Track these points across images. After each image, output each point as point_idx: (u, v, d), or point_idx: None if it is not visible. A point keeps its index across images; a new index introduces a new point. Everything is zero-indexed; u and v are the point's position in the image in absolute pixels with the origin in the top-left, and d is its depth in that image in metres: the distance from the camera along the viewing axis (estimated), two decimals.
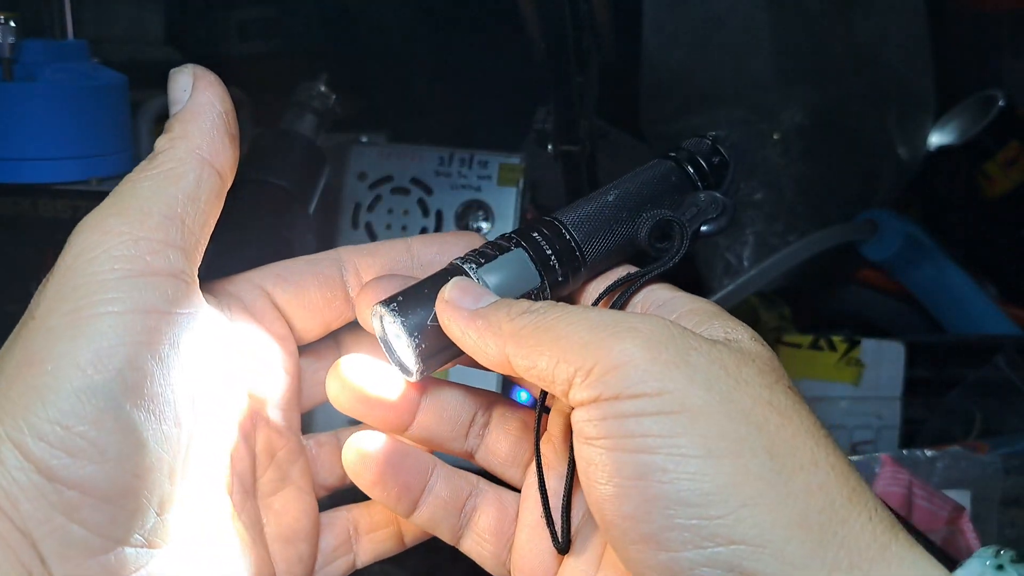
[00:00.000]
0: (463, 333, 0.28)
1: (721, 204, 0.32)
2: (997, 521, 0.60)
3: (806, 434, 0.25)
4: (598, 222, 0.32)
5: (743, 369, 0.26)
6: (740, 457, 0.24)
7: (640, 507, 0.24)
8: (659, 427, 0.24)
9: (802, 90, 0.88)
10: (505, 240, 0.31)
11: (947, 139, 0.92)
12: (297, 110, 0.62)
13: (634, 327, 0.26)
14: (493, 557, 0.33)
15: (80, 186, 0.53)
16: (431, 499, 0.32)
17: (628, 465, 0.25)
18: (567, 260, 0.31)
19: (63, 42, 0.57)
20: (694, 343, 0.26)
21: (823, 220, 0.89)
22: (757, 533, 0.23)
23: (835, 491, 0.24)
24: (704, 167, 0.34)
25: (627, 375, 0.25)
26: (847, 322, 0.89)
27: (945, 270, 0.88)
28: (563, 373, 0.26)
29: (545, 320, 0.27)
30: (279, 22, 0.92)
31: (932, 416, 0.75)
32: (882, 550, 0.24)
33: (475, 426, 0.33)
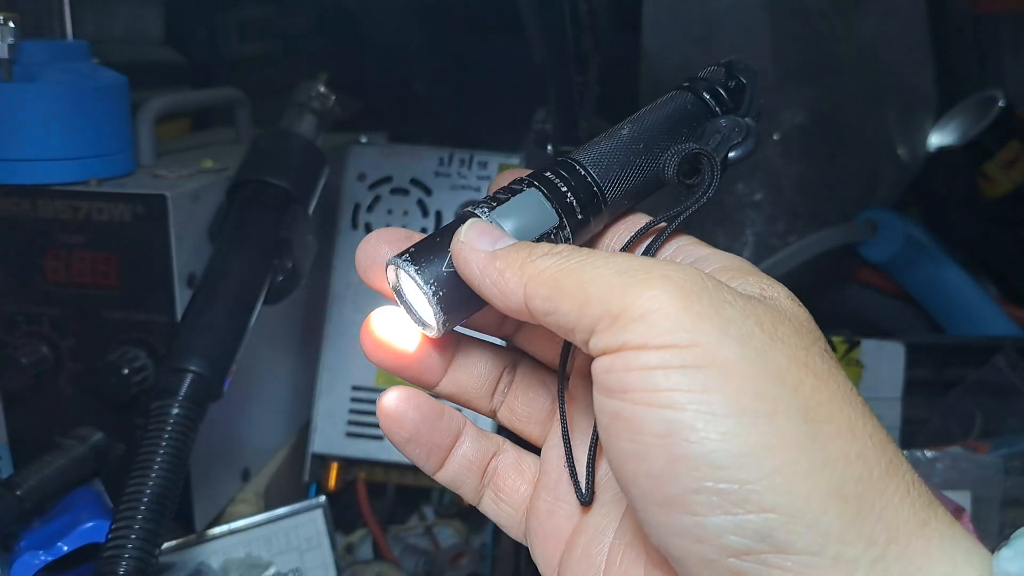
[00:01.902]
0: (481, 275, 0.27)
1: (745, 127, 0.30)
2: (998, 522, 0.60)
3: (843, 399, 0.24)
4: (615, 158, 0.30)
5: (779, 327, 0.24)
6: (775, 419, 0.22)
7: (665, 467, 0.23)
8: (688, 381, 0.23)
9: (802, 90, 0.88)
10: (518, 183, 0.30)
11: (947, 139, 0.92)
12: (297, 110, 0.62)
13: (666, 274, 0.24)
14: (509, 518, 0.33)
15: (80, 186, 0.53)
16: (458, 459, 0.32)
17: (653, 421, 0.23)
18: (586, 198, 0.29)
19: (63, 42, 0.57)
20: (729, 296, 0.24)
21: (823, 220, 0.89)
22: (790, 502, 0.22)
23: (873, 461, 0.23)
24: (721, 93, 0.32)
25: (656, 324, 0.23)
26: (847, 322, 0.89)
27: (945, 270, 0.88)
28: (586, 320, 0.24)
29: (568, 263, 0.26)
30: (279, 23, 0.92)
31: (932, 416, 0.75)
32: (921, 525, 0.23)
33: (501, 384, 0.33)
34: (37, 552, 0.45)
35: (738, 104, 0.32)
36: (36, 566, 0.45)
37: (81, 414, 0.54)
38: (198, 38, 0.88)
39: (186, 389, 0.46)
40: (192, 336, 0.48)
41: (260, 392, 0.67)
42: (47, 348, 0.54)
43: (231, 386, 0.49)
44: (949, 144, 0.92)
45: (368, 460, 0.68)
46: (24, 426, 0.56)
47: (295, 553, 0.60)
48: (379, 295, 0.31)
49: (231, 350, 0.49)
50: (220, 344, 0.49)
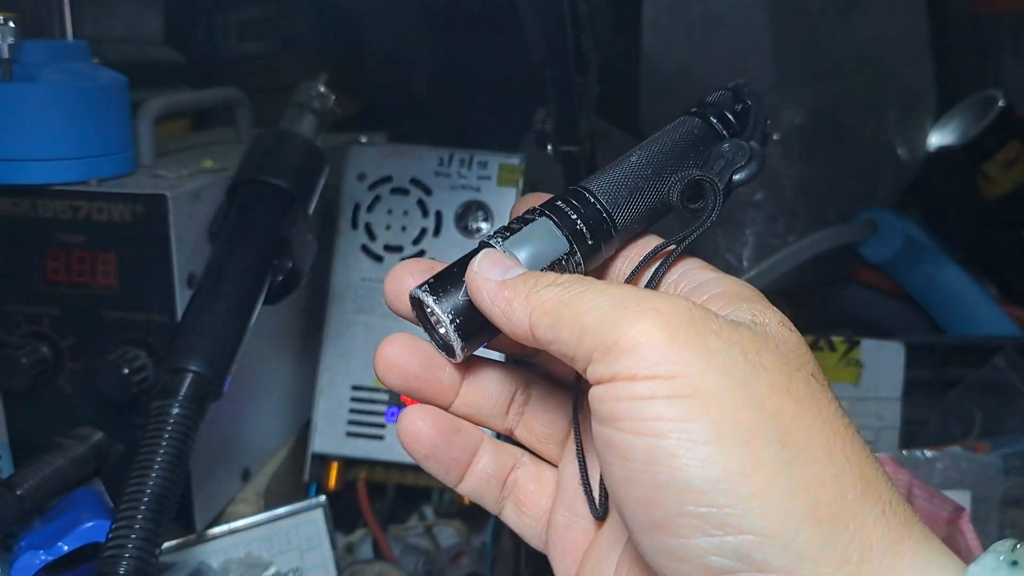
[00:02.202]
0: (491, 304, 0.29)
1: (748, 150, 0.32)
2: (997, 522, 0.60)
3: (823, 424, 0.25)
4: (624, 185, 0.32)
5: (764, 355, 0.26)
6: (752, 445, 0.24)
7: (651, 492, 0.24)
8: (671, 411, 0.24)
9: (802, 90, 0.88)
10: (530, 213, 0.31)
11: (947, 139, 0.92)
12: (296, 110, 0.62)
13: (655, 307, 0.26)
14: (530, 529, 0.34)
15: (80, 186, 0.53)
16: (478, 472, 0.33)
17: (639, 449, 0.24)
18: (596, 225, 0.31)
19: (63, 42, 0.57)
20: (715, 326, 0.26)
21: (823, 220, 0.89)
22: (766, 524, 0.23)
23: (848, 483, 0.24)
24: (727, 116, 0.33)
25: (644, 356, 0.25)
26: (847, 322, 0.89)
27: (945, 270, 0.88)
28: (583, 349, 0.26)
29: (569, 293, 0.27)
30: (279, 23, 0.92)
31: (932, 416, 0.75)
32: (895, 543, 0.24)
33: (515, 404, 0.34)
34: (37, 552, 0.45)
35: (744, 127, 0.33)
36: (36, 566, 0.45)
37: (81, 414, 0.54)
38: (198, 38, 0.88)
39: (186, 389, 0.46)
40: (192, 336, 0.48)
41: (260, 392, 0.67)
42: (47, 348, 0.54)
43: (231, 386, 0.49)
44: (949, 144, 0.92)
45: (368, 460, 0.68)
46: (24, 426, 0.56)
47: (295, 553, 0.60)
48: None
49: (231, 350, 0.49)
50: (220, 344, 0.49)
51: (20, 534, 0.48)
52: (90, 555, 0.46)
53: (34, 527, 0.48)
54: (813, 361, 0.27)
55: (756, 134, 0.33)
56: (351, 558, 0.67)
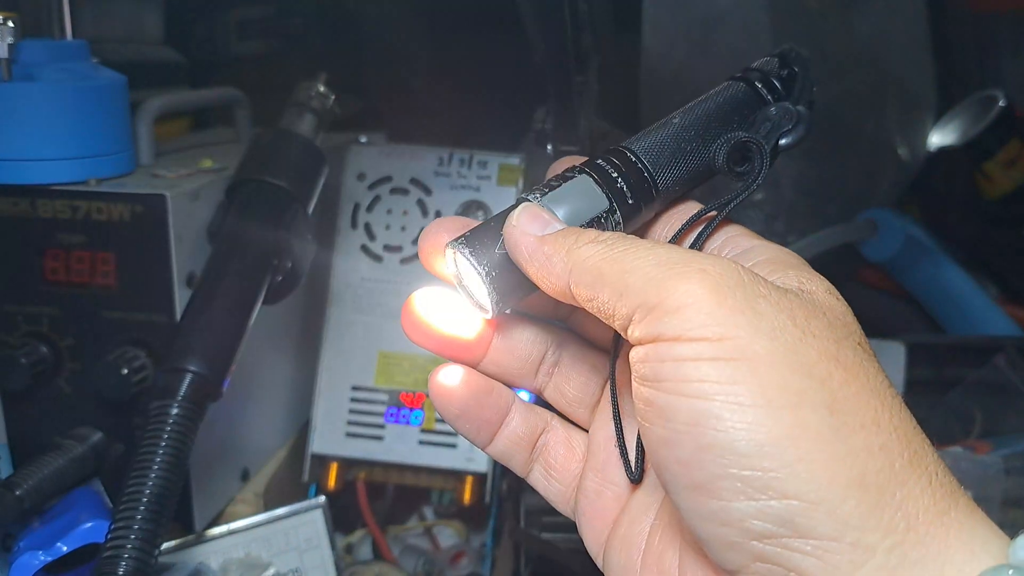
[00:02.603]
0: (529, 258, 0.28)
1: (795, 114, 0.31)
2: (998, 521, 0.60)
3: (871, 393, 0.25)
4: (667, 146, 0.31)
5: (812, 321, 0.25)
6: (799, 410, 0.23)
7: (693, 454, 0.24)
8: (718, 373, 0.24)
9: None
10: (571, 171, 0.31)
11: (947, 139, 0.92)
12: (296, 110, 0.62)
13: (703, 268, 0.25)
14: (559, 494, 0.34)
15: (79, 186, 0.53)
16: (507, 433, 0.33)
17: (683, 410, 0.24)
18: (637, 185, 0.30)
19: (62, 42, 0.57)
20: (763, 290, 0.25)
21: (823, 220, 0.89)
22: (812, 489, 0.23)
23: (896, 452, 0.24)
24: (773, 82, 0.33)
25: (690, 317, 0.24)
26: None
27: (945, 270, 0.88)
28: (624, 308, 0.26)
29: (612, 251, 0.27)
30: (278, 22, 0.92)
31: (932, 416, 0.75)
32: (940, 515, 0.23)
33: (545, 364, 0.33)
34: (36, 552, 0.45)
35: (790, 92, 0.33)
36: (36, 566, 0.45)
37: (80, 414, 0.54)
38: (198, 37, 0.88)
39: (185, 389, 0.46)
40: (191, 336, 0.48)
41: (260, 392, 0.67)
42: (46, 348, 0.54)
43: (231, 386, 0.49)
44: (949, 144, 0.92)
45: (368, 460, 0.68)
46: (23, 426, 0.56)
47: (295, 553, 0.60)
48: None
49: (231, 350, 0.49)
50: (219, 344, 0.49)
51: (19, 534, 0.48)
52: (89, 555, 0.46)
53: (33, 527, 0.48)
54: (860, 330, 0.27)
55: (803, 99, 0.32)
56: (351, 558, 0.67)
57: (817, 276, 0.28)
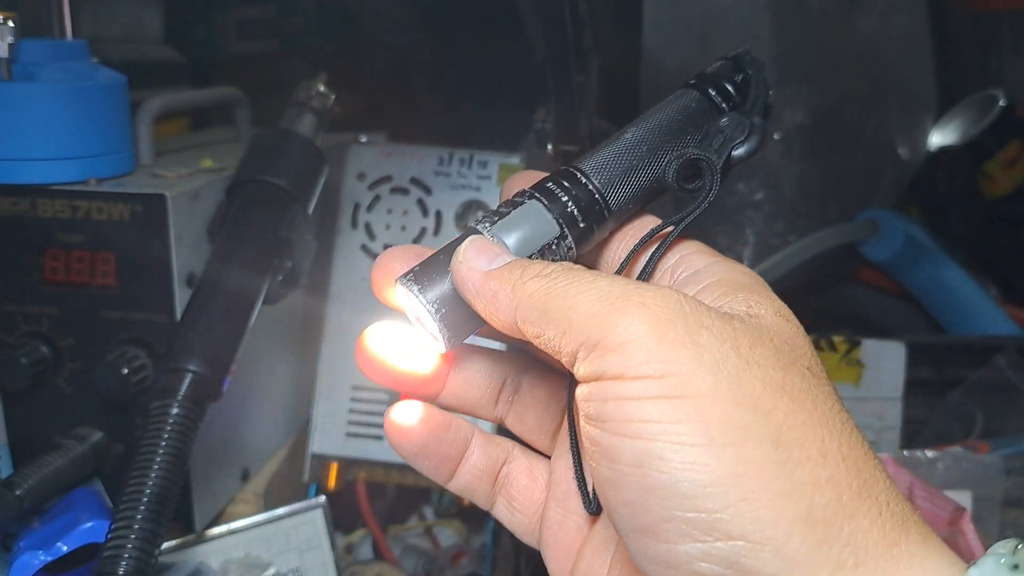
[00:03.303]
0: (476, 295, 0.27)
1: (748, 124, 0.30)
2: (998, 522, 0.60)
3: (818, 421, 0.24)
4: (618, 164, 0.30)
5: (757, 349, 0.25)
6: (743, 447, 0.23)
7: (638, 496, 0.23)
8: (660, 412, 0.23)
9: (803, 90, 0.88)
10: (520, 196, 0.30)
11: (948, 139, 0.92)
12: (296, 110, 0.62)
13: (643, 302, 0.25)
14: (523, 525, 0.33)
15: (79, 186, 0.53)
16: (468, 468, 0.32)
17: (627, 451, 0.24)
18: (588, 207, 0.29)
19: (62, 42, 0.57)
20: (706, 320, 0.25)
21: (824, 220, 0.89)
22: (757, 528, 0.22)
23: (844, 484, 0.23)
24: (727, 87, 0.31)
25: (631, 355, 0.24)
26: (848, 322, 0.89)
27: (946, 270, 0.88)
28: (569, 346, 0.25)
29: (556, 286, 0.26)
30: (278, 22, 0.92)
31: (933, 416, 0.75)
32: (891, 547, 0.23)
33: (505, 392, 0.33)
34: (37, 552, 0.45)
35: (744, 99, 0.32)
36: (36, 566, 0.45)
37: (80, 414, 0.54)
38: (197, 37, 0.88)
39: (186, 389, 0.46)
40: (191, 336, 0.48)
41: (260, 392, 0.67)
42: (46, 348, 0.54)
43: (231, 386, 0.49)
44: (950, 144, 0.92)
45: (368, 460, 0.68)
46: (24, 426, 0.55)
47: (295, 553, 0.60)
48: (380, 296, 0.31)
49: (231, 350, 0.49)
50: (220, 344, 0.49)
51: (19, 534, 0.48)
52: (89, 555, 0.46)
53: (33, 527, 0.48)
54: (811, 354, 0.26)
55: (757, 106, 0.31)
56: (351, 558, 0.67)
57: (767, 298, 0.27)
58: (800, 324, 0.27)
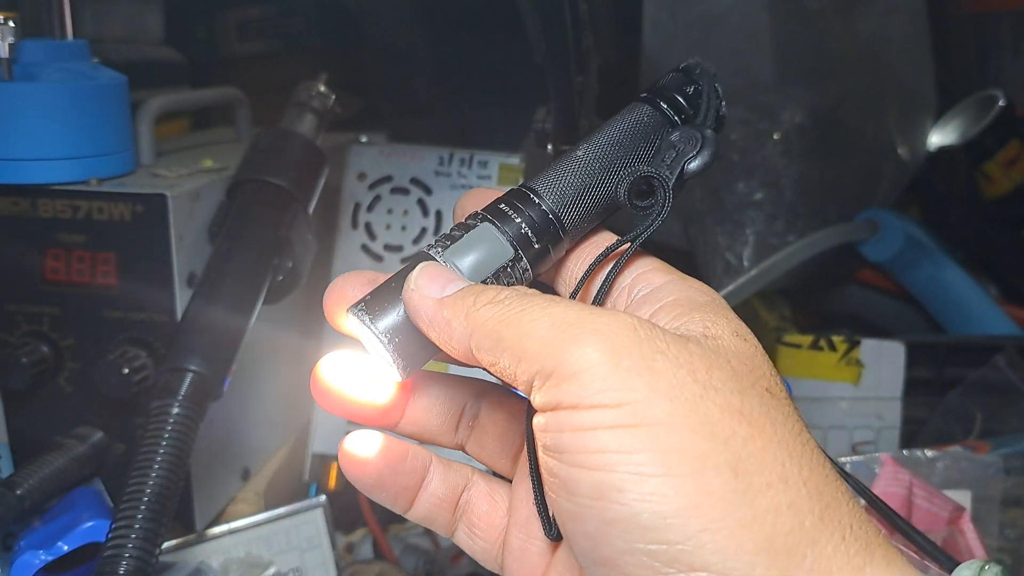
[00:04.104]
0: (429, 323, 0.27)
1: (699, 138, 0.29)
2: (998, 521, 0.60)
3: (778, 446, 0.24)
4: (570, 183, 0.29)
5: (714, 372, 0.24)
6: (702, 476, 0.22)
7: (599, 528, 0.23)
8: (618, 442, 0.23)
9: (802, 90, 0.88)
10: (472, 218, 0.29)
11: (947, 139, 0.92)
12: (297, 110, 0.62)
13: (597, 329, 0.24)
14: (484, 552, 0.32)
15: (80, 186, 0.53)
16: (427, 496, 0.32)
17: (585, 483, 0.23)
18: (542, 227, 0.29)
19: (63, 42, 0.57)
20: (662, 345, 0.24)
21: (823, 220, 0.89)
22: (719, 560, 0.22)
23: (806, 510, 0.23)
24: (678, 100, 0.31)
25: (586, 384, 0.23)
26: (847, 322, 0.89)
27: (945, 270, 0.88)
28: (524, 375, 0.25)
29: (509, 313, 0.25)
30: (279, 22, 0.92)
31: (932, 416, 0.75)
32: (856, 572, 0.22)
33: (465, 418, 0.32)
34: (37, 552, 0.45)
35: (696, 111, 0.31)
36: (36, 566, 0.45)
37: (81, 414, 0.54)
38: (198, 37, 0.88)
39: (186, 388, 0.46)
40: (192, 335, 0.48)
41: (260, 392, 0.67)
42: (47, 347, 0.54)
43: (231, 386, 0.49)
44: (949, 144, 0.92)
45: None
46: (24, 426, 0.56)
47: (295, 553, 0.60)
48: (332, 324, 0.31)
49: (231, 349, 0.49)
50: (220, 343, 0.49)
51: (20, 534, 0.48)
52: (90, 555, 0.46)
53: (34, 527, 0.48)
54: (770, 373, 0.26)
55: (709, 118, 0.31)
56: (351, 558, 0.67)
57: (724, 318, 0.27)
58: (759, 343, 0.27)
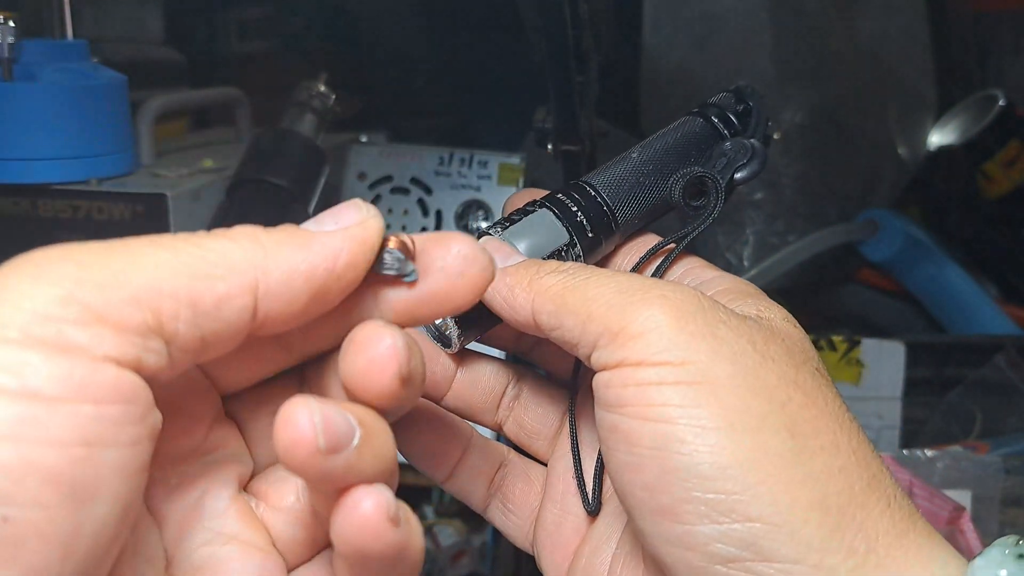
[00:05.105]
0: (492, 291, 0.28)
1: (750, 148, 0.32)
2: (998, 521, 0.60)
3: (830, 416, 0.25)
4: (626, 181, 0.32)
5: (771, 346, 0.26)
6: (760, 433, 0.24)
7: (658, 478, 0.24)
8: (680, 397, 0.24)
9: (802, 89, 0.88)
10: (531, 205, 0.31)
11: (947, 139, 0.92)
12: (297, 110, 0.62)
13: (664, 294, 0.25)
14: (516, 528, 0.33)
15: (80, 186, 0.53)
16: (466, 468, 0.33)
17: (647, 435, 0.24)
18: (596, 218, 0.31)
19: (63, 42, 0.57)
20: (723, 316, 0.26)
21: (823, 220, 0.89)
22: (774, 511, 0.23)
23: (855, 475, 0.24)
24: (729, 116, 0.34)
25: (652, 342, 0.25)
26: (847, 322, 0.89)
27: (945, 270, 0.88)
28: (589, 335, 0.26)
29: (574, 280, 0.27)
30: (279, 22, 0.92)
31: (932, 416, 0.75)
32: (900, 536, 0.24)
33: (506, 398, 0.33)
34: None
35: (745, 127, 0.34)
36: None
37: None
38: (198, 37, 0.88)
39: None
40: None
41: None
42: None
43: None
44: (949, 143, 0.92)
45: None
46: None
47: None
48: None
49: None
50: None
51: None
52: None
53: None
54: (817, 357, 0.27)
55: (758, 134, 0.33)
56: None
57: (775, 305, 0.29)
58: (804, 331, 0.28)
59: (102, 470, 0.19)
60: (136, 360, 0.20)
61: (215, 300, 0.21)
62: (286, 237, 0.22)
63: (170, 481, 0.24)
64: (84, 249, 0.21)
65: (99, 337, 0.19)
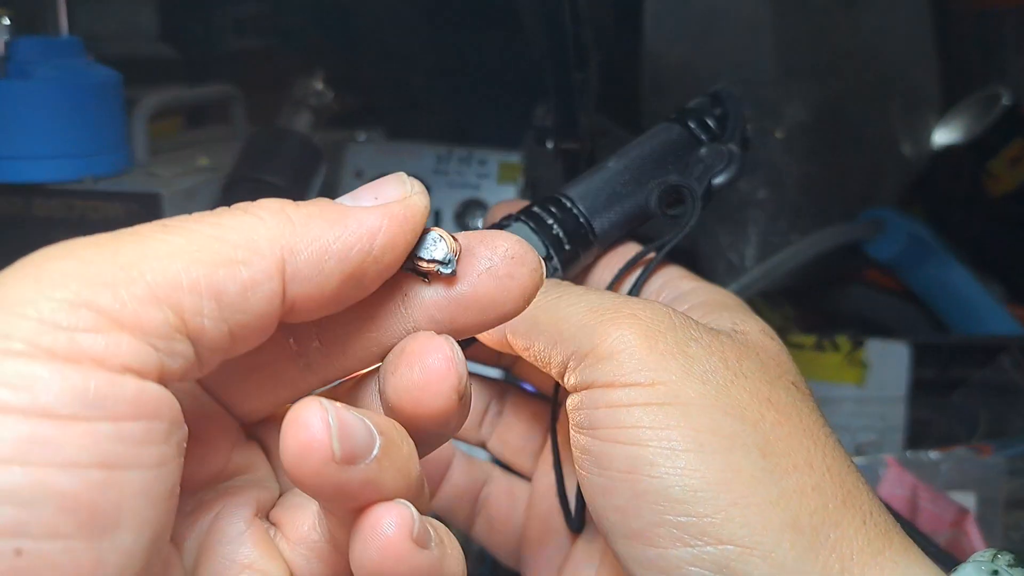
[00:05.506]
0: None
1: (727, 154, 0.32)
2: (1002, 523, 0.60)
3: (803, 434, 0.25)
4: (602, 191, 0.31)
5: (744, 362, 0.25)
6: (731, 454, 0.23)
7: (630, 501, 0.24)
8: (650, 418, 0.24)
9: (805, 87, 0.87)
10: (506, 219, 0.31)
11: (952, 137, 0.92)
12: (293, 107, 0.61)
13: (634, 313, 0.25)
14: (502, 545, 0.33)
15: (75, 185, 0.53)
16: (449, 488, 0.32)
17: (618, 457, 0.24)
18: (574, 230, 0.31)
19: (57, 39, 0.57)
20: (695, 333, 0.25)
21: (826, 219, 0.88)
22: (746, 534, 0.23)
23: (829, 493, 0.24)
24: (706, 121, 0.33)
25: (622, 363, 0.24)
26: (851, 322, 0.89)
27: (950, 270, 0.87)
28: (559, 356, 0.26)
29: (545, 299, 0.26)
30: (275, 18, 0.92)
31: (937, 417, 0.74)
32: (875, 555, 0.23)
33: (488, 415, 0.33)
34: None
35: (723, 131, 0.34)
36: None
37: None
38: (193, 34, 0.87)
39: None
40: None
41: None
42: None
43: None
44: (953, 142, 0.91)
45: None
46: None
47: None
48: None
49: None
50: None
51: None
52: None
53: None
54: (794, 370, 0.27)
55: (735, 138, 0.33)
56: None
57: (752, 317, 0.28)
58: (783, 343, 0.28)
59: (124, 495, 0.17)
60: (158, 367, 0.17)
61: (240, 288, 0.18)
62: (317, 211, 0.20)
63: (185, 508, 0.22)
64: (88, 244, 0.18)
65: (115, 344, 0.17)
